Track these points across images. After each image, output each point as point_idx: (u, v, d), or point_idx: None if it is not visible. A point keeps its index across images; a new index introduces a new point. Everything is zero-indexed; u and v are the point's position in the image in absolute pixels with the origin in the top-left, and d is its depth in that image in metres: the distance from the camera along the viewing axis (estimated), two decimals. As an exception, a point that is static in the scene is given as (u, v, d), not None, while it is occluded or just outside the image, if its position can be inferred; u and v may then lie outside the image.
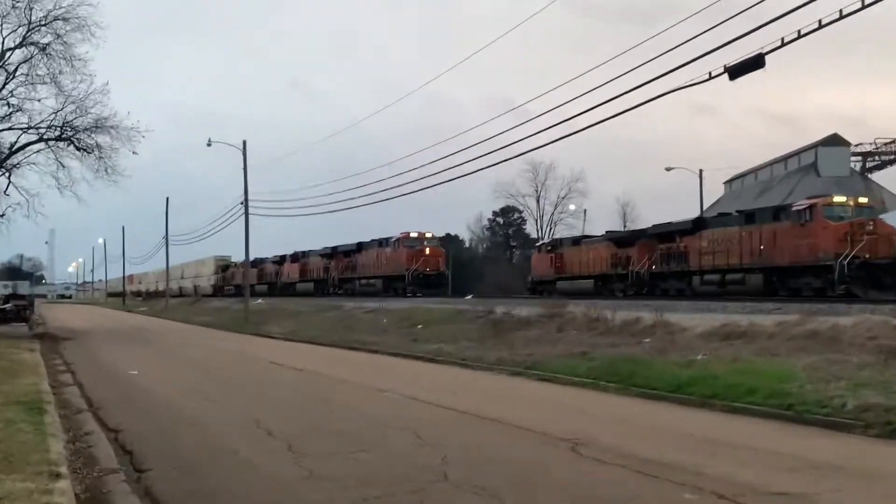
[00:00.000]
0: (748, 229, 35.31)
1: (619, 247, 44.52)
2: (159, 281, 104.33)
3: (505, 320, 27.26)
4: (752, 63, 15.15)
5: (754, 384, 13.66)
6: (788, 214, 33.63)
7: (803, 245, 32.03)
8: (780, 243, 33.27)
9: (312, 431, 11.93)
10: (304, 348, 29.50)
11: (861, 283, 29.97)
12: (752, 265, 34.66)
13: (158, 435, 11.85)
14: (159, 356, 26.71)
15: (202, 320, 52.08)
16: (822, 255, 31.04)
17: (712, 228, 37.92)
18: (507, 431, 11.88)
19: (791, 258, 32.56)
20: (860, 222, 31.29)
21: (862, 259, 30.06)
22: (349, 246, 61.68)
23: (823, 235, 31.33)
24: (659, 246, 41.02)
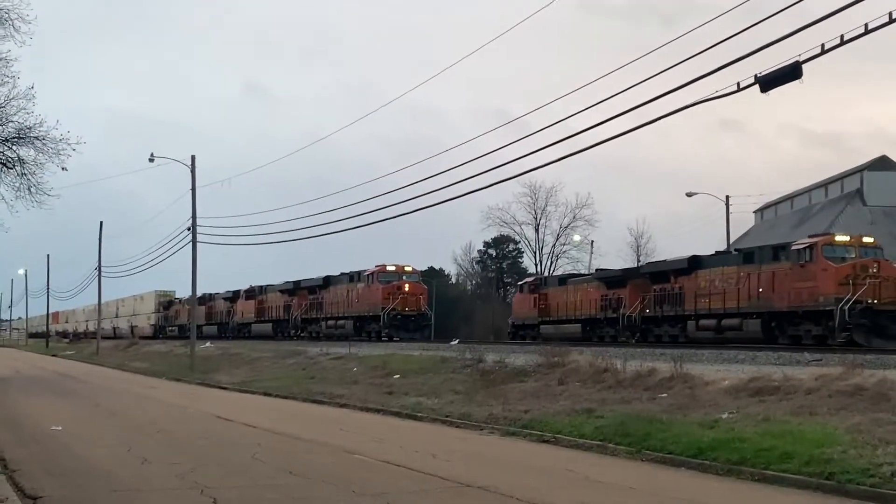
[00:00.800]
0: (746, 270, 36.35)
1: (610, 287, 45.49)
2: (90, 320, 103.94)
3: (497, 370, 27.22)
4: (788, 73, 15.28)
5: (789, 448, 13.66)
6: (788, 254, 34.66)
7: (803, 288, 33.10)
8: (778, 286, 34.40)
9: (267, 502, 11.84)
10: (260, 401, 29.37)
11: (864, 331, 30.89)
12: (749, 309, 35.72)
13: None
14: (88, 409, 26.51)
15: (140, 367, 51.79)
16: (823, 300, 32.05)
17: (709, 268, 38.96)
18: (500, 502, 11.81)
19: (790, 302, 33.66)
20: (863, 264, 32.35)
21: (865, 304, 31.07)
22: (315, 281, 61.62)
23: (824, 278, 32.40)
24: (652, 287, 42.12)
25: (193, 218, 48.66)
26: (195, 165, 48.85)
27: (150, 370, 48.19)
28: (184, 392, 33.83)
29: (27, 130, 35.69)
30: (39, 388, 35.83)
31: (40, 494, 12.22)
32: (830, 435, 14.17)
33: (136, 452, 16.44)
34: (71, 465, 15.27)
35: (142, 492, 12.69)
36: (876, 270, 32.36)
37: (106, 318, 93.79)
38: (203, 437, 19.27)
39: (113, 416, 24.38)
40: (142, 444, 17.85)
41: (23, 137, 35.84)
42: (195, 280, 49.01)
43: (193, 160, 48.95)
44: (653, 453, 15.37)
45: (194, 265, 48.53)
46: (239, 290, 74.51)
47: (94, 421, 23.00)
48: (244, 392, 32.92)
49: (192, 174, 48.74)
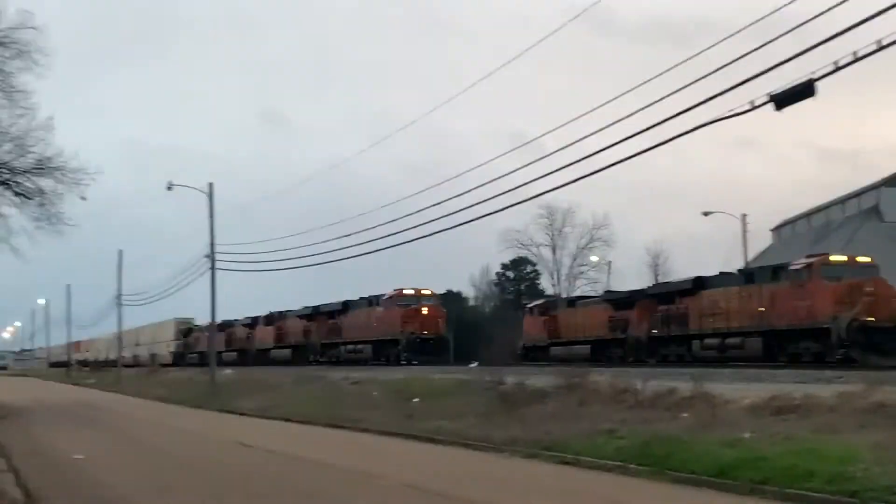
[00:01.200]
0: (748, 290, 37.45)
1: (618, 309, 46.40)
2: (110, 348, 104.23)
3: (517, 392, 27.13)
4: (802, 91, 15.30)
5: (812, 467, 13.58)
6: (787, 274, 35.84)
7: (801, 307, 34.19)
8: (778, 305, 35.46)
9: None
10: (281, 427, 29.36)
11: (860, 348, 31.94)
12: (751, 328, 36.62)
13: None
14: (109, 438, 26.59)
15: (160, 394, 51.83)
16: (820, 318, 33.13)
17: (713, 289, 39.95)
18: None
19: (789, 321, 34.72)
20: (859, 283, 33.52)
21: (861, 322, 32.14)
22: (333, 305, 61.69)
23: (821, 297, 33.59)
24: (659, 307, 43.12)
25: (212, 245, 48.89)
26: (213, 193, 49.13)
27: (170, 398, 48.21)
28: (205, 419, 33.86)
29: (46, 161, 35.93)
30: (61, 417, 35.93)
31: (64, 523, 12.26)
32: (853, 453, 14.07)
33: (158, 480, 16.48)
34: (93, 493, 15.31)
35: (165, 519, 12.71)
36: (872, 289, 33.38)
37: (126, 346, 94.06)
38: (225, 464, 19.29)
39: (134, 444, 24.44)
40: (163, 471, 17.89)
41: (42, 168, 36.06)
42: (214, 307, 49.27)
43: (211, 187, 49.24)
44: (674, 473, 15.29)
45: (213, 292, 48.76)
46: (258, 316, 74.64)
47: (115, 449, 23.06)
48: (265, 418, 32.90)
49: (210, 201, 48.99)
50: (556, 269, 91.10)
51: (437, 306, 54.76)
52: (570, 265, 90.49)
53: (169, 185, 50.13)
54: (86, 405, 44.99)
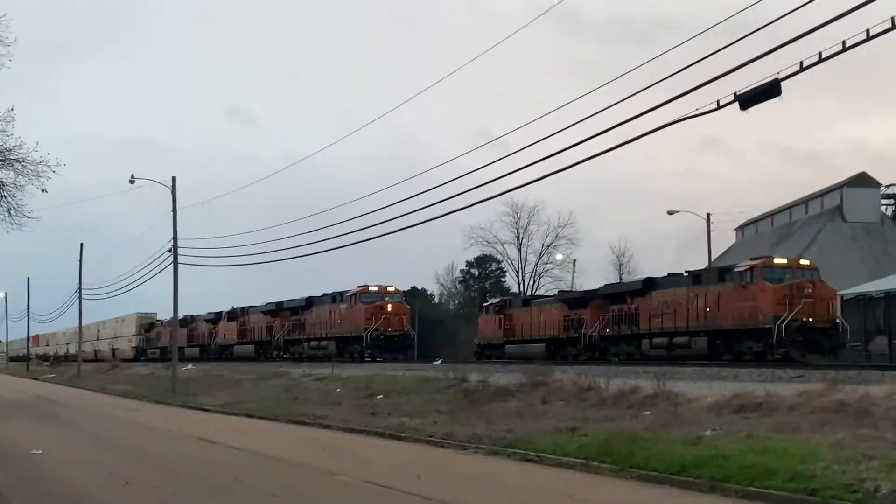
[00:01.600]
0: (695, 291, 38.83)
1: (572, 308, 47.54)
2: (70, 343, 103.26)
3: (480, 390, 27.19)
4: (767, 90, 15.40)
5: (772, 465, 13.68)
6: (732, 276, 37.16)
7: (745, 308, 35.55)
8: (723, 306, 36.86)
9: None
10: (242, 423, 29.23)
11: (799, 347, 33.49)
12: (697, 328, 38.03)
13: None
14: (69, 432, 26.34)
15: (121, 389, 51.47)
16: (762, 318, 34.42)
17: (662, 290, 41.21)
18: (483, 522, 11.79)
19: (733, 321, 36.10)
20: (800, 285, 34.78)
21: (800, 322, 33.58)
22: (297, 301, 61.45)
23: (763, 298, 34.80)
24: (611, 307, 44.23)
25: (175, 239, 48.49)
26: (176, 187, 48.74)
27: (131, 393, 47.89)
28: (166, 414, 33.63)
29: (7, 153, 35.56)
30: (19, 411, 35.54)
31: (20, 519, 12.11)
32: (814, 451, 14.19)
33: (118, 475, 16.32)
34: (51, 488, 15.15)
35: (123, 515, 12.60)
36: (811, 291, 34.76)
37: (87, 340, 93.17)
38: (185, 459, 19.16)
39: (94, 440, 24.22)
40: (123, 466, 17.72)
41: (2, 160, 35.67)
42: (177, 302, 48.85)
43: (174, 181, 48.82)
44: (636, 471, 15.35)
45: (175, 287, 48.35)
46: (221, 311, 74.20)
47: (75, 444, 22.84)
48: (227, 414, 32.75)
49: (174, 195, 48.59)
50: (521, 266, 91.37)
51: (402, 303, 54.68)
52: (536, 263, 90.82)
53: (132, 179, 49.70)
54: (45, 400, 44.56)
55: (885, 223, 71.75)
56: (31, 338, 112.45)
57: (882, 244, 68.95)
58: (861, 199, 70.65)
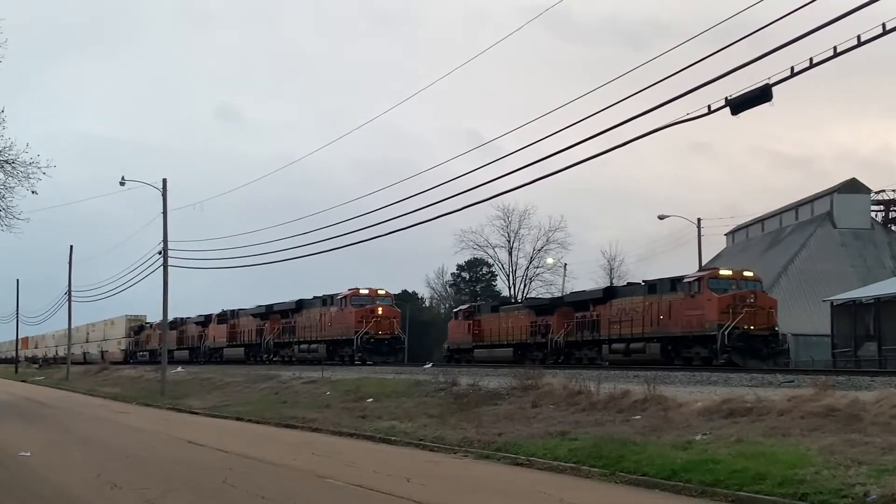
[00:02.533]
0: (650, 299, 41.08)
1: (539, 314, 49.54)
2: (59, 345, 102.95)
3: (471, 393, 27.17)
4: (758, 95, 15.42)
5: (762, 469, 13.69)
6: (682, 286, 39.44)
7: (693, 316, 38.04)
8: (674, 314, 39.22)
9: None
10: (231, 426, 29.18)
11: (741, 353, 35.88)
12: (651, 334, 40.27)
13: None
14: (58, 435, 26.24)
15: (110, 392, 51.35)
16: (708, 326, 36.93)
17: (621, 298, 43.58)
18: (473, 526, 11.77)
19: (683, 328, 38.51)
20: (742, 295, 37.23)
21: (742, 330, 36.08)
22: (287, 304, 61.33)
23: (709, 307, 37.28)
24: (575, 314, 46.40)
25: (165, 241, 48.41)
26: (167, 188, 48.64)
27: (120, 395, 47.77)
28: (155, 417, 33.54)
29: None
30: (7, 413, 35.41)
31: (7, 521, 12.05)
32: (803, 456, 14.21)
33: (106, 478, 16.25)
34: (39, 490, 15.08)
35: (111, 518, 12.53)
36: (753, 300, 37.15)
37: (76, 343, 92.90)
38: (174, 461, 19.09)
39: (83, 442, 24.13)
40: (112, 469, 17.66)
41: (-8, 161, 35.52)
42: (166, 304, 48.78)
43: (165, 183, 48.75)
44: (627, 475, 15.37)
45: (165, 289, 48.27)
46: (211, 314, 74.04)
47: (63, 446, 22.75)
48: (216, 417, 32.70)
49: (164, 197, 48.51)
50: (512, 270, 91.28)
51: (392, 307, 54.62)
52: (527, 267, 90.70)
53: (122, 181, 49.60)
54: (34, 402, 44.40)
55: (876, 229, 72.00)
56: (20, 340, 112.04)
57: (872, 250, 69.19)
58: (851, 206, 70.88)
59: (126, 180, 49.52)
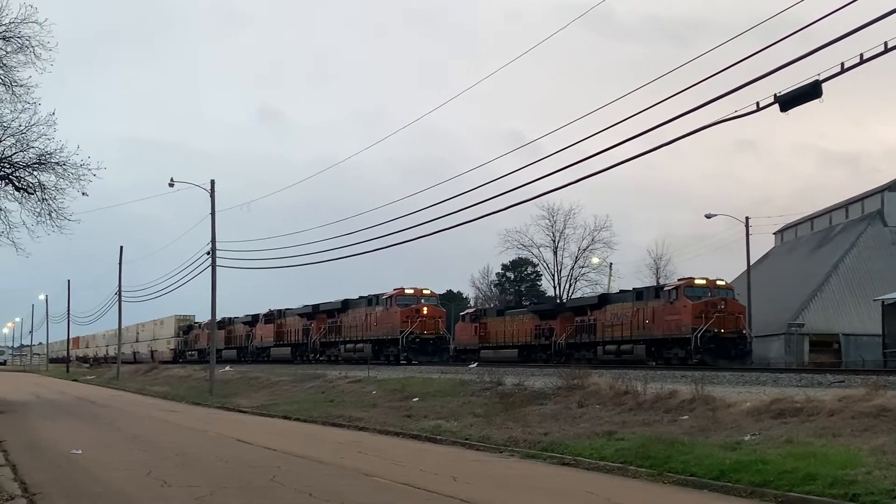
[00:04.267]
0: (638, 305, 45.74)
1: (542, 319, 54.59)
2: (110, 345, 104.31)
3: (516, 393, 27.16)
4: (808, 92, 15.23)
5: (813, 470, 13.55)
6: (663, 294, 44.28)
7: (672, 320, 42.85)
8: (656, 318, 43.93)
9: (287, 523, 11.82)
10: (279, 425, 29.34)
11: (712, 354, 40.50)
12: (637, 337, 45.07)
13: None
14: (108, 433, 26.53)
15: (160, 391, 51.88)
16: (683, 329, 41.80)
17: (614, 304, 48.53)
18: (520, 525, 11.74)
19: (664, 331, 43.34)
20: (714, 302, 42.11)
21: (713, 333, 40.99)
22: (333, 304, 61.64)
23: (684, 312, 42.05)
24: (575, 319, 51.42)
25: (213, 242, 48.79)
26: (214, 190, 49.05)
27: (169, 394, 48.25)
28: (203, 416, 33.82)
29: (48, 156, 35.77)
30: (59, 412, 35.88)
31: (60, 517, 12.20)
32: (854, 456, 14.04)
33: (156, 475, 16.41)
34: (91, 488, 15.25)
35: (161, 515, 12.65)
36: (723, 307, 42.04)
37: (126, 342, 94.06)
38: (223, 460, 19.23)
39: (133, 440, 24.38)
40: (161, 467, 17.82)
41: (43, 163, 35.91)
42: (214, 304, 49.18)
43: (213, 185, 49.16)
44: (675, 475, 15.27)
45: (213, 289, 48.67)
46: (258, 314, 74.62)
47: (114, 445, 23.00)
48: (264, 416, 32.92)
49: (212, 198, 48.92)
50: (557, 270, 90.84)
51: (438, 306, 54.74)
52: (572, 267, 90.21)
53: (171, 182, 49.93)
54: (84, 401, 44.96)
55: (927, 227, 70.80)
56: (71, 340, 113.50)
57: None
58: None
59: (175, 182, 49.86)
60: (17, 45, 34.21)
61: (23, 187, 36.43)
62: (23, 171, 36.32)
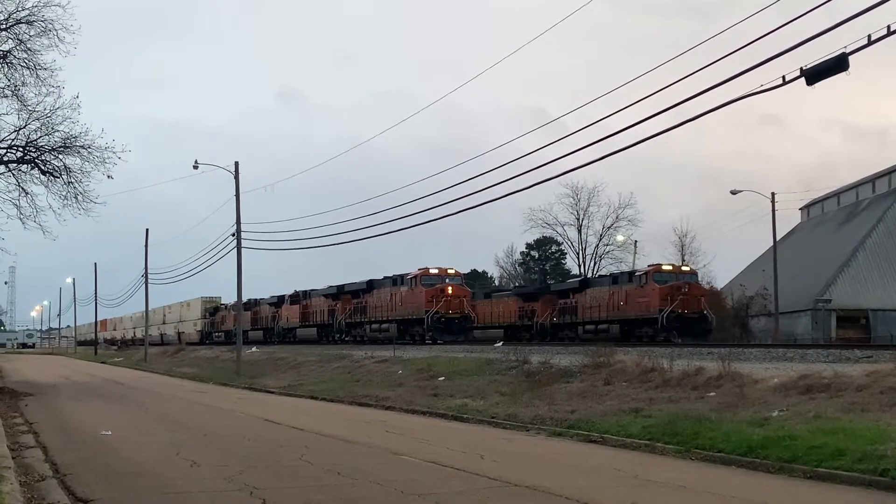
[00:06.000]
0: (614, 289, 50.75)
1: (526, 301, 59.33)
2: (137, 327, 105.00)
3: (542, 371, 27.17)
4: (834, 65, 15.09)
5: (841, 445, 13.50)
6: (635, 279, 49.35)
7: (642, 302, 47.60)
8: (629, 301, 48.71)
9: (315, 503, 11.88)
10: (306, 405, 29.50)
11: (676, 332, 44.69)
12: (613, 318, 49.90)
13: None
14: (137, 414, 26.76)
15: (187, 372, 52.24)
16: (652, 310, 46.38)
17: (593, 288, 53.65)
18: (549, 502, 11.76)
19: (635, 312, 48.01)
20: (678, 286, 46.43)
21: (677, 313, 45.43)
22: (358, 285, 61.75)
23: (653, 295, 46.62)
24: (558, 301, 56.26)
25: (238, 224, 48.98)
26: (239, 171, 49.20)
27: (197, 375, 48.58)
28: (231, 396, 34.04)
29: (73, 140, 35.90)
30: (89, 394, 36.21)
31: (91, 497, 12.33)
32: (883, 431, 13.98)
33: (186, 455, 16.56)
34: (121, 468, 15.39)
35: (192, 494, 12.75)
36: (687, 290, 46.33)
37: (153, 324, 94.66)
38: (251, 439, 19.37)
39: (162, 421, 24.58)
40: (191, 447, 17.97)
41: (68, 147, 36.05)
42: (240, 286, 49.33)
43: (237, 166, 49.34)
44: (702, 452, 15.26)
45: (239, 271, 48.84)
46: (284, 295, 74.87)
47: (143, 425, 23.20)
48: (291, 396, 33.10)
49: (236, 180, 49.09)
50: (582, 248, 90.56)
51: (462, 286, 54.72)
52: (596, 245, 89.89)
53: (195, 164, 50.00)
54: (113, 382, 45.34)
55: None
56: (98, 322, 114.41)
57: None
58: (931, 177, 69.22)
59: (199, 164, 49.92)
60: (41, 29, 34.30)
61: (48, 171, 36.59)
62: (48, 154, 36.49)
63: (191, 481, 13.78)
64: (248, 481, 13.32)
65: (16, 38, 34.75)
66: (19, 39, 34.72)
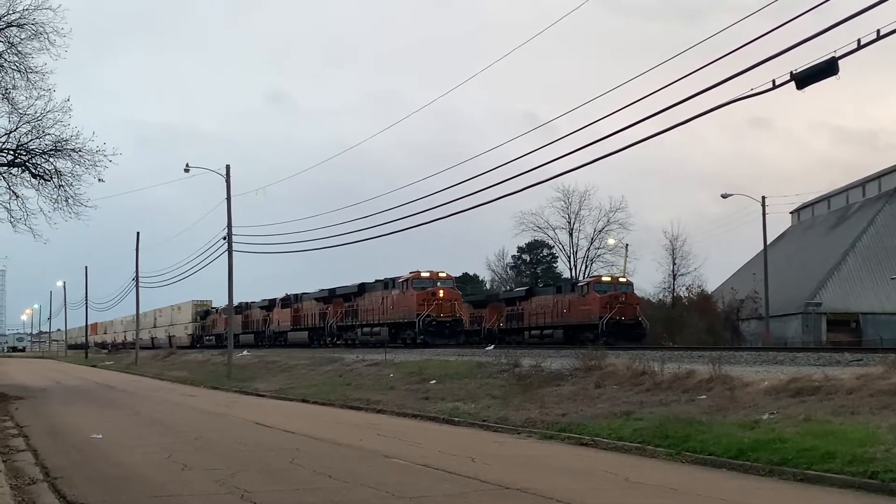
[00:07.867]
0: (558, 297, 56.59)
1: (475, 308, 65.38)
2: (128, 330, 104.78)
3: (533, 374, 27.18)
4: (824, 69, 15.14)
5: (831, 448, 13.54)
6: (577, 288, 55.24)
7: (584, 310, 52.90)
8: (572, 308, 54.12)
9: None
10: (297, 408, 29.47)
11: (614, 337, 48.81)
12: (557, 323, 55.47)
13: (126, 509, 11.80)
14: (128, 418, 26.70)
15: (178, 376, 52.13)
16: (592, 317, 51.59)
17: (539, 296, 59.61)
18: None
19: (578, 319, 53.24)
20: (615, 295, 51.79)
21: (615, 320, 50.40)
22: (349, 288, 61.74)
23: (593, 304, 51.85)
24: (506, 308, 62.01)
25: (229, 227, 48.88)
26: (230, 175, 49.11)
27: (188, 379, 48.49)
28: (222, 400, 33.99)
29: (64, 143, 35.84)
30: (79, 397, 36.14)
31: (82, 501, 12.31)
32: (873, 434, 14.02)
33: (176, 459, 16.53)
34: (111, 472, 15.37)
35: (182, 497, 12.75)
36: (623, 299, 51.57)
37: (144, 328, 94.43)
38: (242, 443, 19.35)
39: (152, 424, 24.54)
40: (181, 450, 17.95)
41: (59, 150, 35.99)
42: (231, 289, 49.25)
43: (228, 170, 49.21)
44: (693, 455, 15.29)
45: (230, 274, 48.76)
46: (275, 298, 74.82)
47: (133, 429, 23.16)
48: (282, 399, 33.06)
49: (228, 184, 48.98)
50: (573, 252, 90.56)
51: (454, 289, 54.76)
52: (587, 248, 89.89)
53: (187, 168, 49.95)
54: (104, 386, 45.25)
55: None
56: (89, 326, 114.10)
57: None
58: (920, 182, 69.44)
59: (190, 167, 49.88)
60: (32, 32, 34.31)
61: (39, 174, 36.55)
62: (39, 157, 36.43)
63: (182, 485, 13.77)
64: (239, 484, 13.31)
65: (6, 41, 34.76)
66: (10, 42, 34.76)
